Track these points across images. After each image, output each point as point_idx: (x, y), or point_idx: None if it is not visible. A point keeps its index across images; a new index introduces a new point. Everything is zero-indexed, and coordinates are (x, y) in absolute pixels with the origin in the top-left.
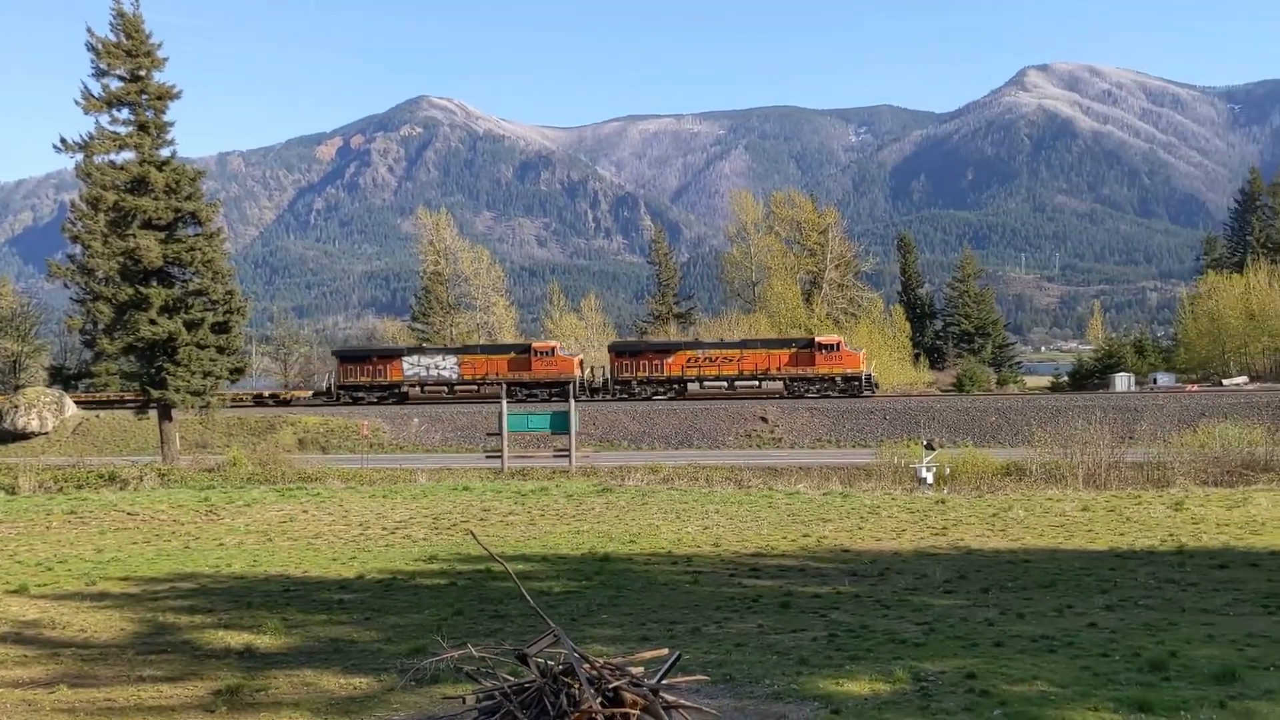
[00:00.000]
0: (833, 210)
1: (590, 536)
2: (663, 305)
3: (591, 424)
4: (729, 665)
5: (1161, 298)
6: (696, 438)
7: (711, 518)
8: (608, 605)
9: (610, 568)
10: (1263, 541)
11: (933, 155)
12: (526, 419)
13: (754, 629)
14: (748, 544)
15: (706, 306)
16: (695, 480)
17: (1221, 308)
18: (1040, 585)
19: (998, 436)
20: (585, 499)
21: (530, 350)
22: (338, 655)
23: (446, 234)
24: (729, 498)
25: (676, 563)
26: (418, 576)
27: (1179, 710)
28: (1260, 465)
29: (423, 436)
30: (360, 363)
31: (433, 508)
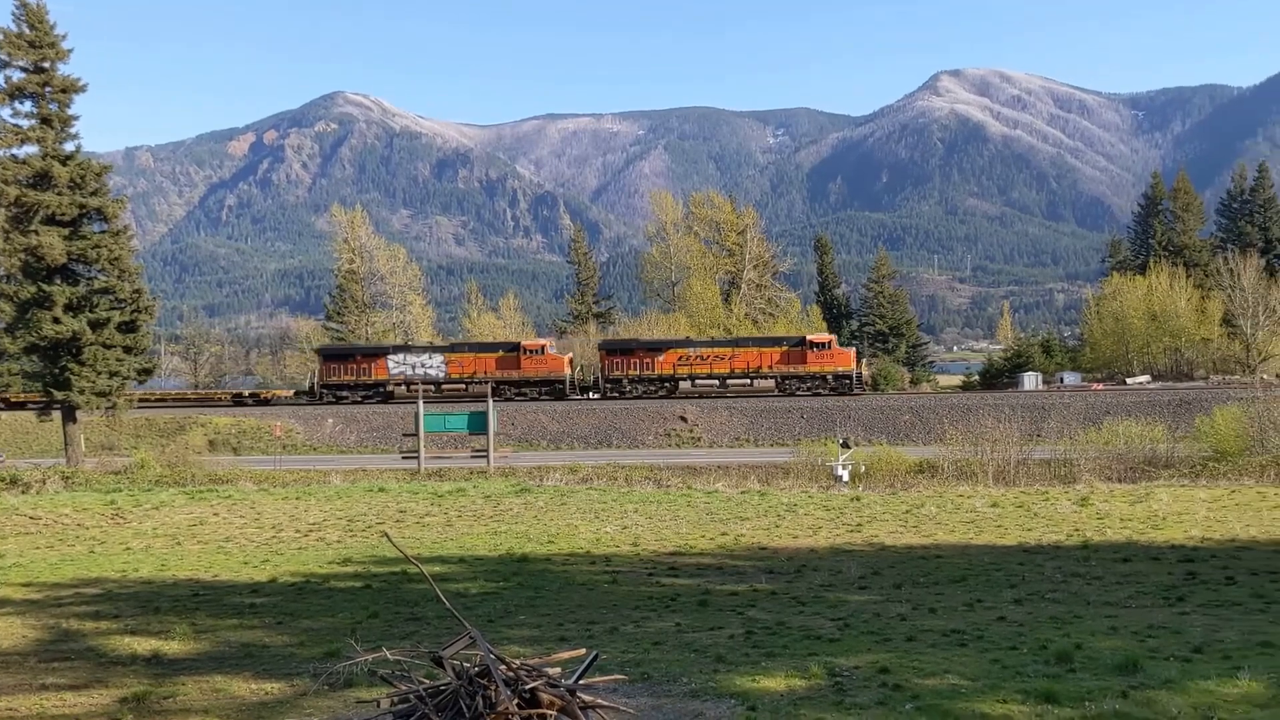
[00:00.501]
0: (751, 211)
1: (508, 537)
2: (582, 305)
3: (510, 424)
4: (647, 664)
5: (1068, 299)
6: (616, 437)
7: (630, 517)
8: (525, 606)
9: (528, 568)
10: (1163, 536)
11: (849, 158)
12: (444, 419)
13: (672, 627)
14: (666, 543)
15: (626, 306)
16: (614, 480)
17: (1125, 309)
18: (951, 580)
19: (911, 435)
20: (503, 499)
21: (520, 349)
22: (249, 660)
23: (362, 232)
24: (648, 497)
25: (595, 562)
26: (332, 579)
27: (1083, 701)
28: (1161, 462)
29: (338, 437)
30: (344, 361)
31: (347, 509)
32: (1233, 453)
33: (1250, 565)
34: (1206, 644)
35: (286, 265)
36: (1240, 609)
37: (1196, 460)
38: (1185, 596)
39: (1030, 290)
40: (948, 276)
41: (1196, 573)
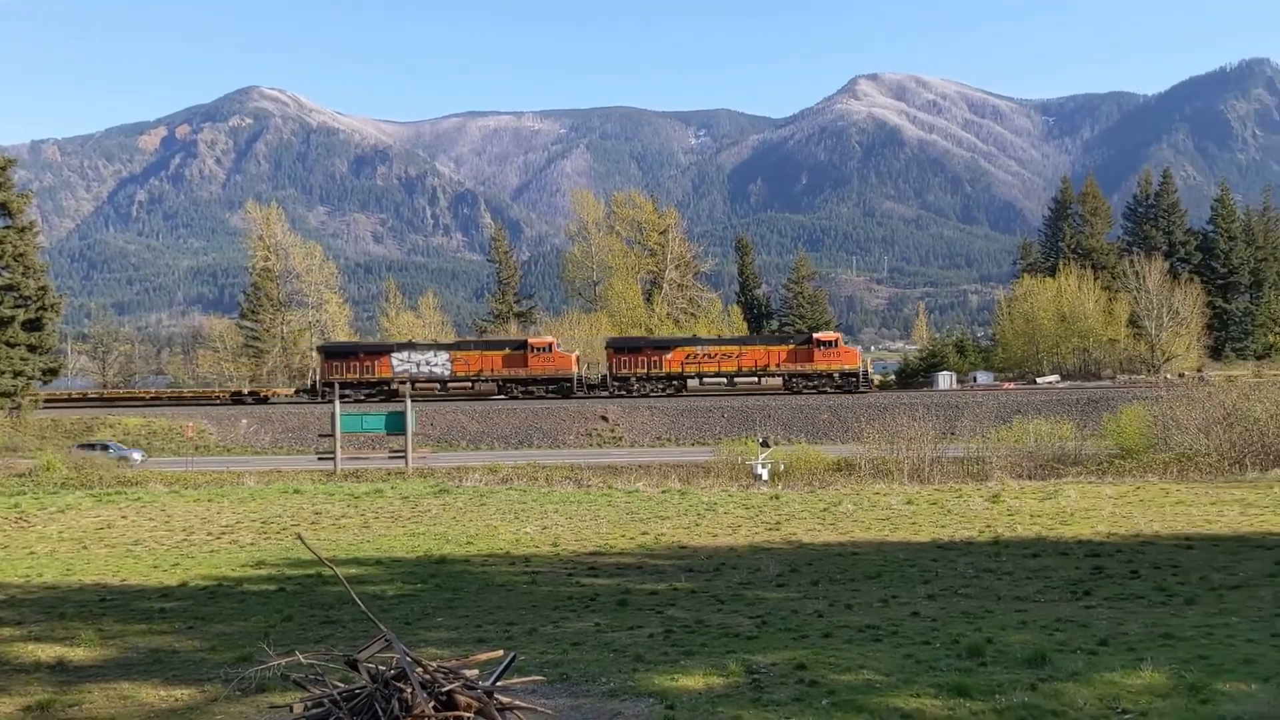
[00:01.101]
0: (673, 211)
1: (426, 539)
2: (503, 304)
3: (429, 424)
4: (566, 664)
5: (981, 300)
6: (537, 437)
7: (550, 517)
8: (443, 608)
9: (446, 570)
10: (1071, 531)
11: (769, 159)
12: (361, 419)
13: (591, 628)
14: (586, 543)
15: (548, 305)
16: (535, 480)
17: (1036, 310)
18: (867, 577)
19: (829, 433)
20: (421, 500)
21: (527, 346)
22: (158, 666)
23: (277, 229)
24: (568, 497)
25: (514, 563)
26: (245, 583)
27: (994, 694)
28: (1070, 459)
29: (252, 438)
30: (346, 358)
31: (261, 511)
32: (1137, 450)
33: (1153, 559)
34: (1112, 636)
35: (199, 262)
36: (1144, 602)
37: (1103, 457)
38: (1092, 590)
39: (945, 291)
40: (865, 278)
41: (1103, 567)
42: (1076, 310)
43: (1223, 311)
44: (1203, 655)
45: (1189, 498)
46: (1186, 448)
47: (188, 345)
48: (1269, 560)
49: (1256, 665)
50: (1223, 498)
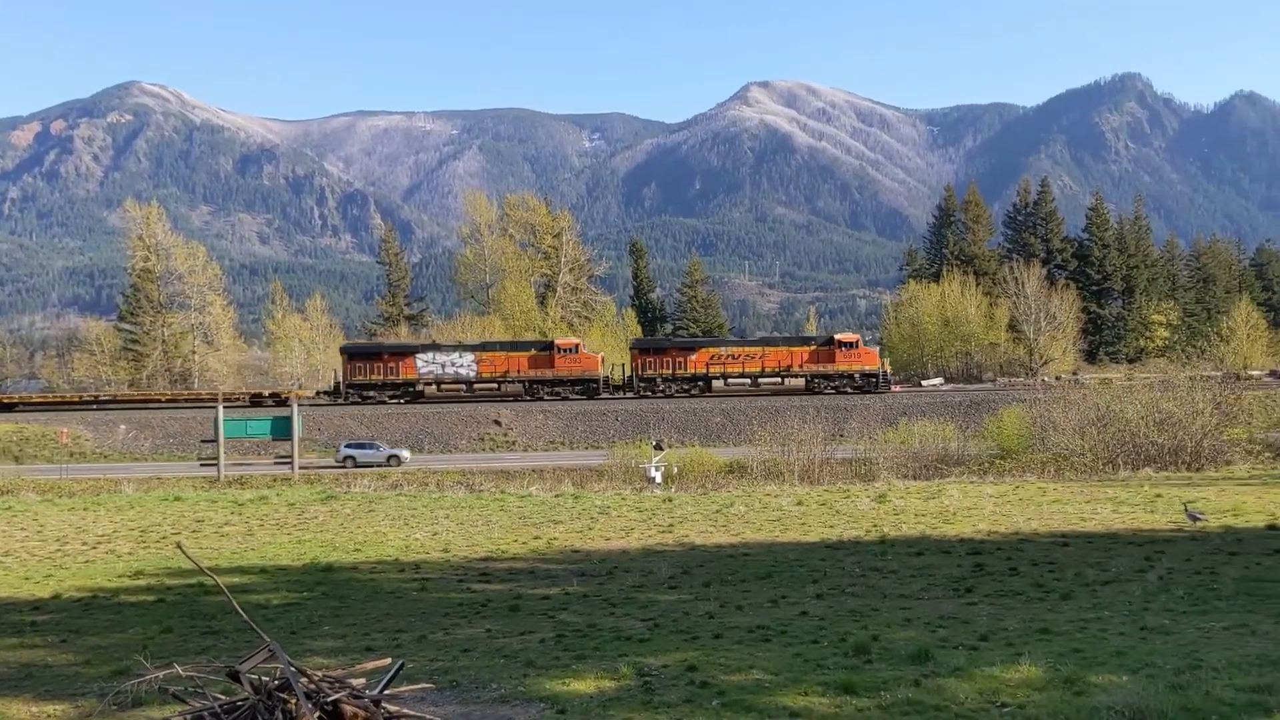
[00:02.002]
0: (567, 214)
1: (313, 546)
2: (393, 307)
3: (316, 429)
4: (456, 671)
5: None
6: (428, 441)
7: (441, 523)
8: (330, 616)
9: (333, 578)
10: (954, 530)
11: (663, 164)
12: (245, 425)
13: (482, 633)
14: (478, 548)
15: (439, 308)
16: (425, 485)
17: (921, 314)
18: (758, 577)
19: (722, 436)
20: (308, 507)
21: (553, 347)
22: (29, 681)
23: (158, 228)
24: (460, 502)
25: (404, 570)
26: (122, 594)
27: (879, 690)
28: (953, 459)
29: (130, 444)
30: (370, 360)
31: (140, 520)
32: (1017, 450)
33: (1032, 556)
34: (992, 632)
35: (75, 263)
36: (1022, 598)
37: (984, 458)
38: (973, 587)
39: (835, 296)
40: (758, 282)
41: (984, 564)
42: (959, 315)
43: (1097, 316)
44: (1077, 649)
45: (1065, 496)
46: (1063, 448)
47: (63, 348)
48: (1139, 556)
49: (1126, 657)
50: (1096, 496)
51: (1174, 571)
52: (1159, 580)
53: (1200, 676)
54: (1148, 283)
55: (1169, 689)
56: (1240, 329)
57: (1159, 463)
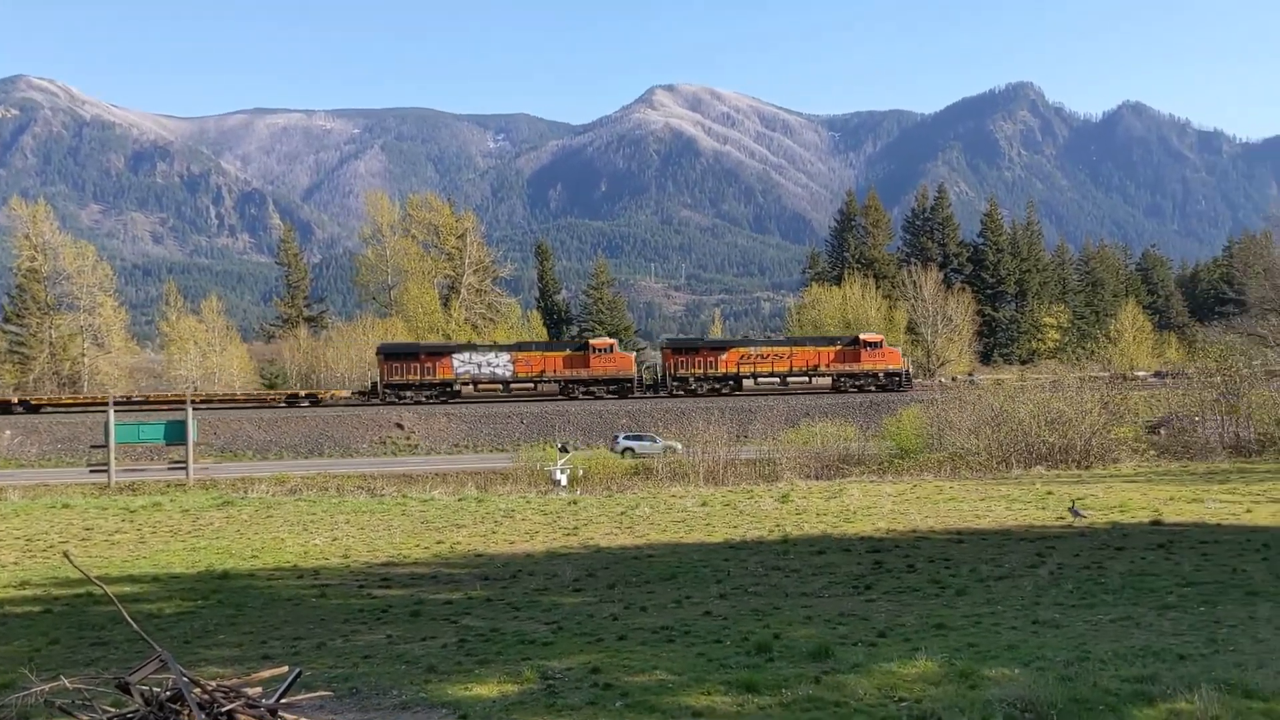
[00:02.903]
0: (470, 215)
1: (208, 553)
2: (292, 308)
3: (212, 433)
4: (356, 678)
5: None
6: (328, 446)
7: (341, 528)
8: (226, 625)
9: (229, 585)
10: (854, 528)
11: (569, 165)
12: (137, 429)
13: (383, 639)
14: (379, 553)
15: (340, 310)
16: (325, 490)
17: (823, 316)
18: (662, 578)
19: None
20: (203, 513)
21: (588, 347)
22: None
23: (45, 227)
24: (361, 507)
25: (303, 576)
26: (6, 605)
27: (780, 688)
28: (854, 459)
29: (16, 450)
30: (407, 360)
31: (26, 528)
32: (915, 450)
33: (928, 554)
34: (890, 628)
35: None
36: (919, 594)
37: (884, 457)
38: (872, 585)
39: (740, 298)
40: (664, 284)
41: (882, 562)
42: (860, 317)
43: (991, 319)
44: (972, 643)
45: (960, 494)
46: (959, 447)
47: None
48: (1030, 552)
49: (1018, 650)
50: (990, 494)
51: (1064, 567)
52: (1049, 575)
53: (1088, 668)
54: (1040, 286)
55: (1059, 680)
56: (1127, 331)
57: (1050, 461)
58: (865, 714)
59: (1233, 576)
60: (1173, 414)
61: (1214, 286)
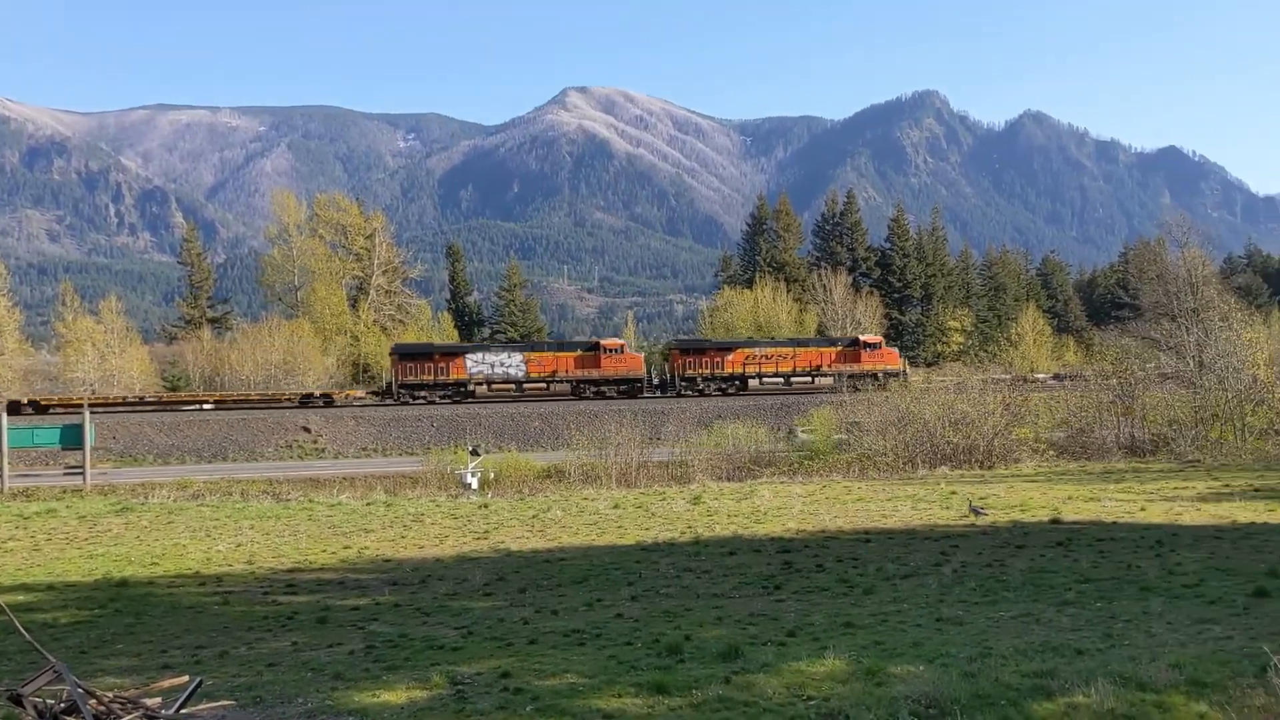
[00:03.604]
0: (380, 215)
1: (105, 560)
2: (195, 309)
3: (111, 437)
4: (260, 687)
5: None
6: (232, 450)
7: (245, 534)
8: (124, 634)
9: (128, 593)
10: (764, 529)
11: (481, 166)
12: (31, 433)
13: (288, 647)
14: (284, 559)
15: (246, 310)
16: (229, 495)
17: (735, 319)
18: (574, 581)
19: (540, 441)
20: (101, 519)
21: (599, 348)
22: None
23: None
24: (265, 512)
25: (205, 583)
26: None
27: (691, 689)
28: (765, 461)
29: None
30: (420, 360)
31: None
32: (824, 451)
33: (837, 553)
34: (799, 628)
35: None
36: (828, 594)
37: (794, 459)
38: (782, 585)
39: (652, 301)
40: (576, 287)
41: (792, 562)
42: (771, 320)
43: (898, 322)
44: (878, 641)
45: (868, 495)
46: (867, 448)
47: None
48: (935, 551)
49: (923, 648)
50: (897, 494)
51: (967, 565)
52: (953, 573)
53: (990, 664)
54: (944, 290)
55: (962, 677)
56: (1028, 335)
57: (954, 461)
58: (774, 713)
59: (1128, 573)
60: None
61: (1110, 291)
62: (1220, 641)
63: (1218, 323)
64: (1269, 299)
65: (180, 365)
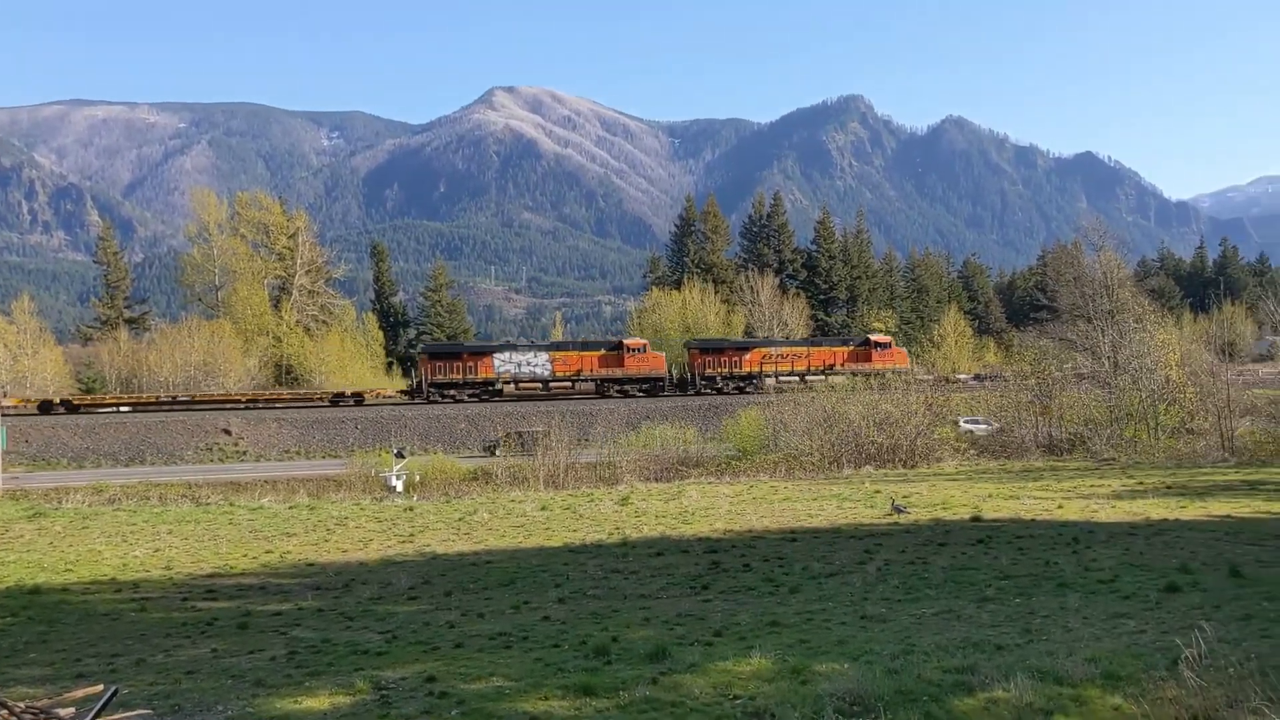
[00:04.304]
0: (303, 214)
1: (17, 567)
2: (112, 309)
3: (23, 440)
4: (178, 695)
5: (615, 310)
6: (150, 453)
7: (164, 539)
8: (37, 642)
9: (41, 600)
10: (691, 530)
11: (406, 165)
12: None
13: (208, 654)
14: (204, 564)
15: (165, 311)
16: (146, 499)
17: (663, 320)
18: (500, 584)
19: (467, 443)
20: (12, 525)
21: (622, 347)
22: None
23: None
24: (185, 516)
25: (121, 590)
26: None
27: (618, 690)
28: (693, 461)
29: None
30: (450, 359)
31: None
32: (752, 451)
33: (764, 553)
34: (725, 627)
35: None
36: (755, 593)
37: (722, 459)
38: (709, 585)
39: (581, 302)
40: (504, 287)
41: (719, 562)
42: (700, 321)
43: (824, 324)
44: (804, 639)
45: (794, 494)
46: (793, 448)
47: None
48: (859, 549)
49: (847, 645)
50: (822, 493)
51: (890, 563)
52: (877, 571)
53: (912, 661)
54: (869, 292)
55: (885, 674)
56: (949, 336)
57: (879, 461)
58: (701, 713)
59: (1045, 569)
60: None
61: (1029, 294)
62: (1134, 636)
63: (1132, 325)
64: (1181, 301)
65: (96, 367)
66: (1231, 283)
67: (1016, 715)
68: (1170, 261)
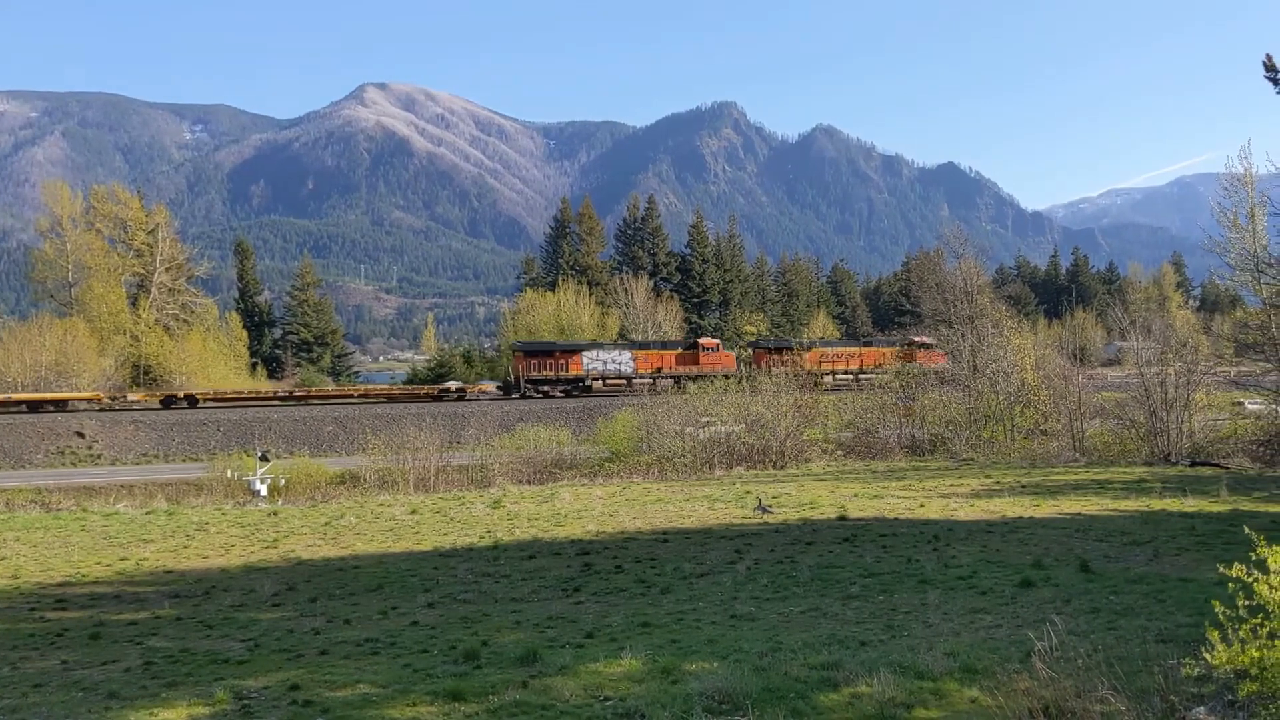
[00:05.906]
0: (163, 209)
1: None
2: None
3: None
4: (25, 709)
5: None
6: None
7: (10, 546)
8: None
9: None
10: (564, 531)
11: (273, 161)
12: None
13: (57, 666)
14: (54, 573)
15: (14, 308)
16: None
17: (537, 322)
18: (368, 590)
19: (335, 445)
20: None
21: (698, 346)
22: None
23: None
24: (33, 522)
25: None
26: None
27: (488, 695)
28: (567, 463)
29: None
30: (543, 357)
31: None
32: (626, 453)
33: (636, 554)
34: (597, 629)
35: None
36: (626, 594)
37: (596, 461)
38: (581, 587)
39: (454, 303)
40: (374, 287)
41: (592, 564)
42: (574, 323)
43: (697, 326)
44: (674, 639)
45: (667, 495)
46: (666, 450)
47: None
48: (730, 549)
49: (717, 644)
50: (694, 494)
51: (760, 562)
52: (747, 571)
53: (780, 658)
54: (741, 296)
55: (753, 671)
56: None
57: (750, 461)
58: (571, 715)
59: (908, 566)
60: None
61: (894, 299)
62: (990, 630)
63: (990, 330)
64: (1036, 308)
65: None
66: (1083, 290)
67: (879, 709)
68: (1026, 269)
